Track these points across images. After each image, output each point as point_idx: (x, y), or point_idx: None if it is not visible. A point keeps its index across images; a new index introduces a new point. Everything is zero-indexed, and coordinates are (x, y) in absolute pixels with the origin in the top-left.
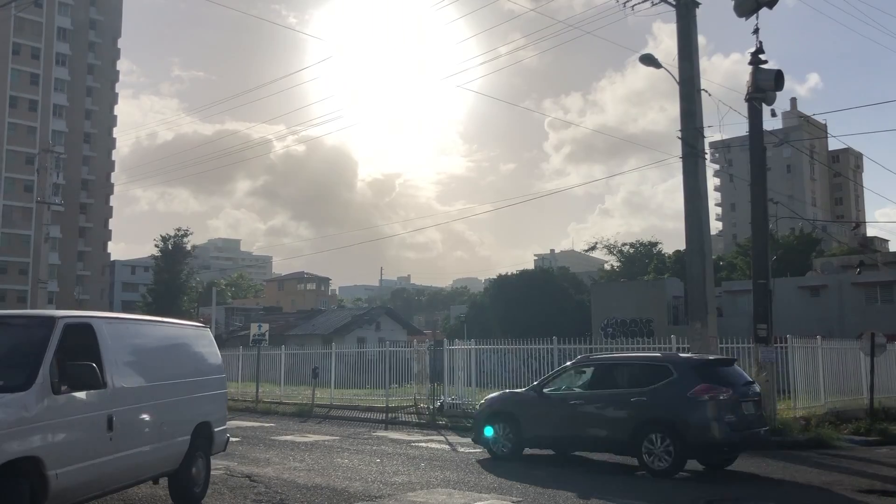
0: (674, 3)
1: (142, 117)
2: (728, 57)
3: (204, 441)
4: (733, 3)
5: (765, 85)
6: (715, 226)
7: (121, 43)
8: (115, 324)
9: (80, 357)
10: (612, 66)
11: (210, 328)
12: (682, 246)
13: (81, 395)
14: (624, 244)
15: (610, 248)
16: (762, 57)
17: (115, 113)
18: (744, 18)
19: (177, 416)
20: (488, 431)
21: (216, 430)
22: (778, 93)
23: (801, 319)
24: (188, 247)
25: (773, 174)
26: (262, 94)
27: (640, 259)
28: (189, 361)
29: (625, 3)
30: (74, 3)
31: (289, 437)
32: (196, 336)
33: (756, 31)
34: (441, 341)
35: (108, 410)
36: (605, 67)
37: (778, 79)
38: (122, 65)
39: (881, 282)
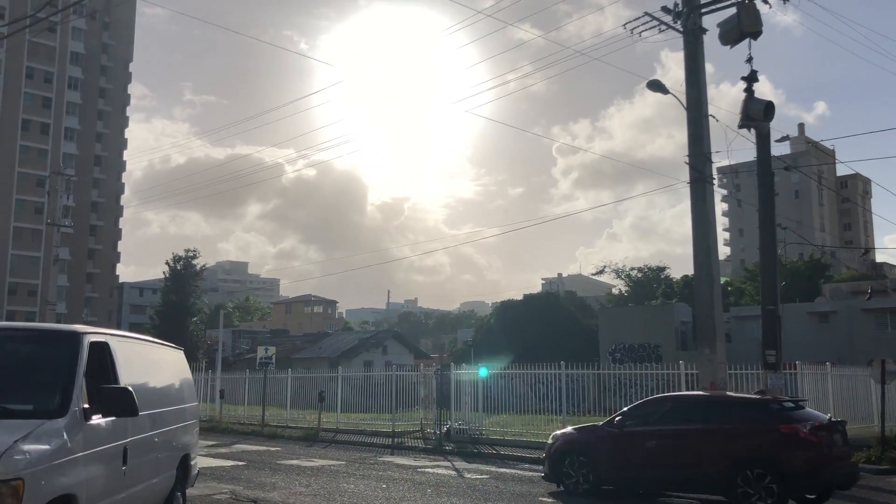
0: (681, 29)
1: (154, 141)
2: (735, 85)
3: (183, 474)
4: (718, 32)
5: (755, 114)
6: (723, 251)
7: (133, 67)
8: (124, 342)
9: (97, 379)
10: (620, 93)
11: (217, 351)
12: (690, 271)
13: (103, 422)
14: (632, 269)
15: (618, 273)
16: (754, 86)
17: (126, 136)
18: (729, 46)
19: (169, 448)
20: None
21: (192, 462)
22: (770, 123)
23: (810, 345)
24: (197, 268)
25: (781, 199)
26: (273, 118)
27: (649, 284)
28: (174, 387)
29: (632, 29)
30: (88, 28)
31: (295, 462)
32: (175, 359)
33: (749, 59)
34: (448, 365)
35: (124, 441)
36: (614, 95)
37: (768, 109)
38: (134, 89)
39: (891, 308)
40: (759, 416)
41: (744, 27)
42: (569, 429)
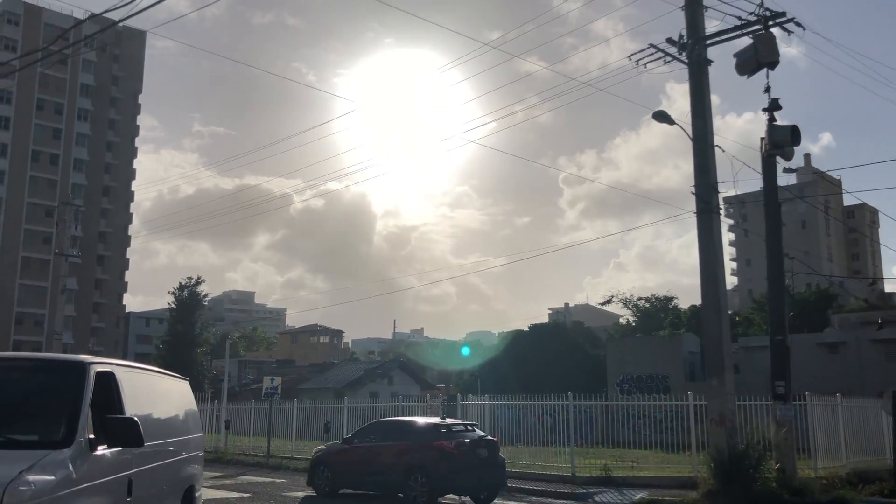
0: (686, 60)
1: (163, 171)
2: (741, 116)
3: None
4: (735, 62)
5: (781, 141)
6: (730, 281)
7: (142, 99)
8: (130, 372)
9: (102, 409)
10: (626, 124)
11: (223, 381)
12: (697, 301)
13: (108, 453)
14: (639, 299)
15: (625, 303)
16: (776, 114)
17: (135, 167)
18: (745, 77)
19: (173, 479)
20: None
21: (197, 494)
22: (795, 147)
23: (819, 376)
24: (202, 295)
25: (788, 230)
26: (282, 149)
27: (656, 314)
28: (180, 418)
29: (637, 61)
30: (98, 60)
31: (300, 494)
32: (181, 390)
33: (768, 89)
34: (454, 396)
35: (129, 472)
36: (620, 126)
37: (794, 133)
38: (143, 120)
39: None
40: (426, 435)
41: (761, 57)
42: (323, 446)
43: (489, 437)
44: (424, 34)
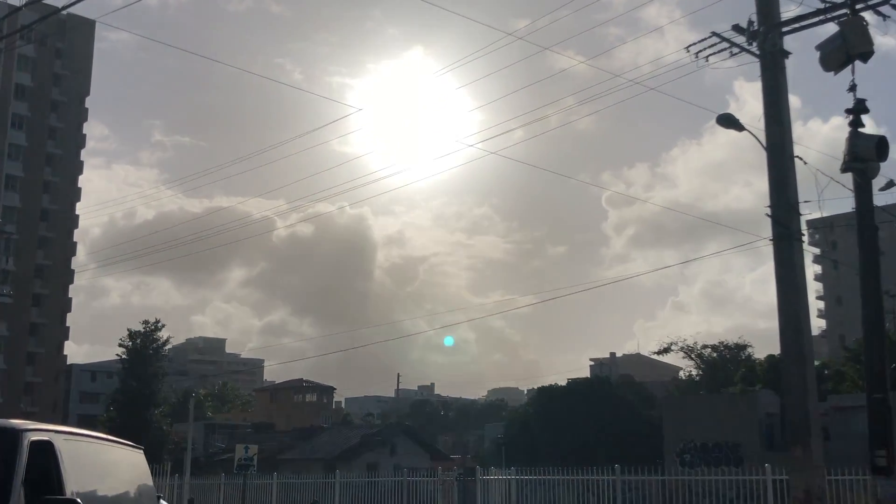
0: (757, 52)
1: (115, 191)
2: (827, 122)
3: None
4: (819, 55)
5: (865, 153)
6: (817, 324)
7: (90, 103)
8: (72, 441)
9: (38, 487)
10: (685, 132)
11: (186, 450)
12: (775, 350)
13: None
14: (704, 347)
15: (687, 352)
16: (862, 119)
17: (80, 185)
18: (832, 73)
19: None
20: None
21: None
22: (881, 163)
23: None
24: (161, 342)
25: (887, 259)
26: (261, 162)
27: (725, 366)
28: (132, 496)
29: (696, 53)
30: (37, 55)
31: None
32: (134, 461)
33: (853, 87)
34: (473, 469)
35: None
36: (678, 134)
37: (880, 147)
38: (92, 129)
39: None
40: None
41: (850, 48)
42: None
43: None
44: (435, 23)
